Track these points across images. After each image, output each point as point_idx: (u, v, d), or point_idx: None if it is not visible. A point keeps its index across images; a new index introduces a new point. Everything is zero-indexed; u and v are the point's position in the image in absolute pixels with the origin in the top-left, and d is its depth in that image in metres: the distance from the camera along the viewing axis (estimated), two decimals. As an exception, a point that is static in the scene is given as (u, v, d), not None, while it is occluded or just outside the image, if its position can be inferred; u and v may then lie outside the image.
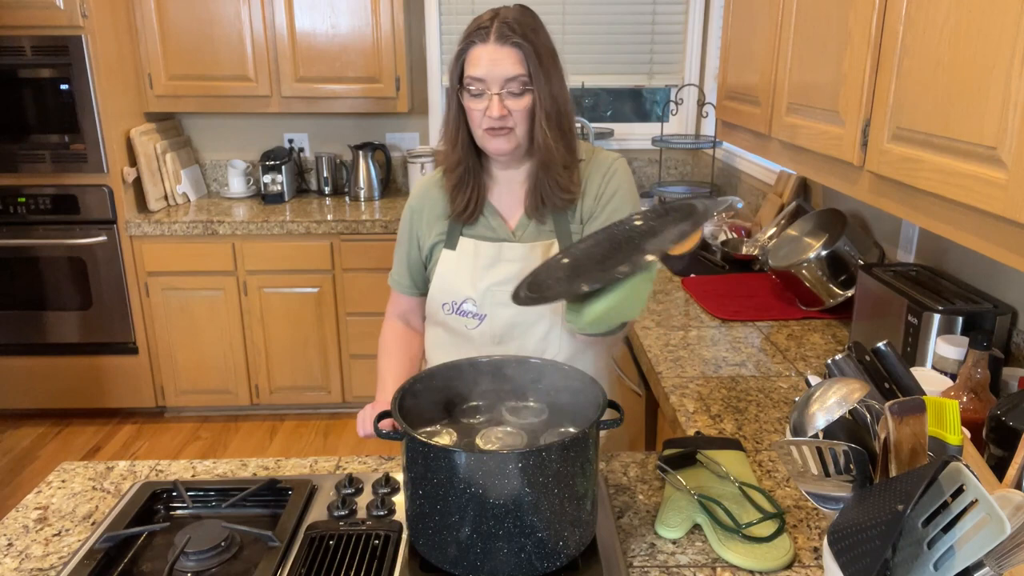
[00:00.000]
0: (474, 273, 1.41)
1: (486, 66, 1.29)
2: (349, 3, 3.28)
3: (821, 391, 0.91)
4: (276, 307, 3.32)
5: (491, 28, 1.29)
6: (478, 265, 1.41)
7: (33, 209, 3.20)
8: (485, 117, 1.31)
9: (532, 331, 1.41)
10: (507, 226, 1.43)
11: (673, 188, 3.39)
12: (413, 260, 1.51)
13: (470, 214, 1.42)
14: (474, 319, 1.42)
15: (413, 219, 1.50)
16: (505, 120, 1.31)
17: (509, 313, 1.40)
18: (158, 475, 1.24)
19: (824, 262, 1.97)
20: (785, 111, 1.74)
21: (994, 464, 0.99)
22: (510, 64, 1.29)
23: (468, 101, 1.32)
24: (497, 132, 1.32)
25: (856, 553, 0.78)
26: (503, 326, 1.41)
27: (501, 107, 1.29)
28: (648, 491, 1.19)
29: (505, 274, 1.39)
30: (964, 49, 1.05)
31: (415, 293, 1.54)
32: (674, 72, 3.69)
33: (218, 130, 3.75)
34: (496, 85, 1.29)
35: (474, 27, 1.32)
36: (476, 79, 1.30)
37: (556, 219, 1.41)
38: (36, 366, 3.37)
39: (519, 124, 1.32)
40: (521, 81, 1.29)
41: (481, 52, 1.29)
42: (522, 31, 1.30)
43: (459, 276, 1.42)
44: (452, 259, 1.44)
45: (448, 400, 1.12)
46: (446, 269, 1.44)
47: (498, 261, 1.40)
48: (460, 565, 0.95)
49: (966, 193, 1.04)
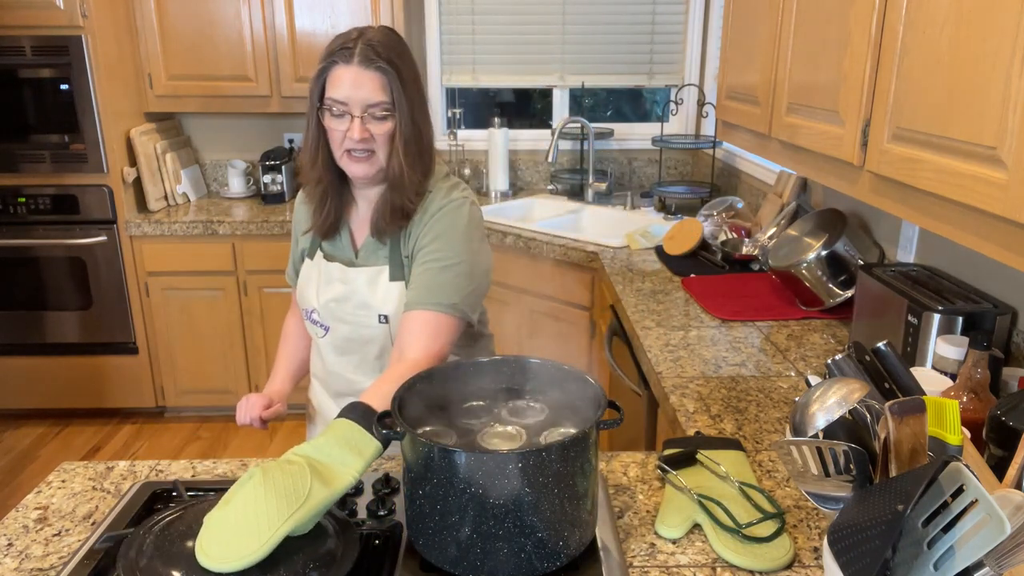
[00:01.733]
0: (318, 287, 1.45)
1: (348, 89, 1.27)
2: (349, 3, 3.28)
3: (821, 391, 0.91)
4: (276, 307, 3.31)
5: (355, 50, 1.27)
6: (321, 280, 1.45)
7: (33, 209, 3.20)
8: (346, 138, 1.30)
9: (366, 349, 1.45)
10: (353, 246, 1.45)
11: (673, 188, 3.39)
12: (296, 259, 1.58)
13: (327, 231, 1.43)
14: (321, 328, 1.47)
15: (297, 220, 1.55)
16: (367, 143, 1.30)
17: (345, 330, 1.44)
18: (158, 475, 1.24)
19: (824, 262, 1.97)
20: (785, 111, 1.74)
21: (994, 464, 0.99)
22: (372, 89, 1.27)
23: (328, 121, 1.31)
24: (358, 157, 1.31)
25: (856, 553, 0.78)
26: (342, 339, 1.45)
27: (363, 130, 1.28)
28: (648, 491, 1.19)
29: (336, 293, 1.43)
30: (964, 49, 1.05)
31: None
32: (674, 72, 3.69)
33: (218, 130, 3.75)
34: (358, 108, 1.27)
35: (338, 45, 1.29)
36: (337, 101, 1.28)
37: (392, 245, 1.41)
38: (36, 366, 3.37)
39: (380, 148, 1.31)
40: (384, 107, 1.28)
41: (344, 73, 1.27)
42: (387, 55, 1.28)
43: (309, 287, 1.47)
44: (307, 269, 1.49)
45: (448, 400, 1.12)
46: (302, 277, 1.50)
47: (332, 280, 1.44)
48: (460, 565, 0.95)
49: (966, 193, 1.04)
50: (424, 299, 1.32)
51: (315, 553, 0.93)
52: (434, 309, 1.31)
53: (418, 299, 1.32)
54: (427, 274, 1.34)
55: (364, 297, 1.41)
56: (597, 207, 3.35)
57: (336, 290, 1.43)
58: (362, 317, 1.42)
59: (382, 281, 1.40)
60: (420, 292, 1.33)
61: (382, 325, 1.41)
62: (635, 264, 2.53)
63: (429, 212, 1.38)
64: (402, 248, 1.40)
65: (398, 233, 1.40)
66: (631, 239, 2.76)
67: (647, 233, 2.77)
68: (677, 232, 2.70)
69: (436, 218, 1.37)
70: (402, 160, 1.32)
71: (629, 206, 3.31)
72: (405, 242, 1.40)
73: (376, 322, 1.41)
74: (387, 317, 1.40)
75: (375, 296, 1.40)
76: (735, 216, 2.87)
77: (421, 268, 1.35)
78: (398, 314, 1.39)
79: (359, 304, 1.41)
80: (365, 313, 1.41)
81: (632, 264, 2.53)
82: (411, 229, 1.39)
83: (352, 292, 1.41)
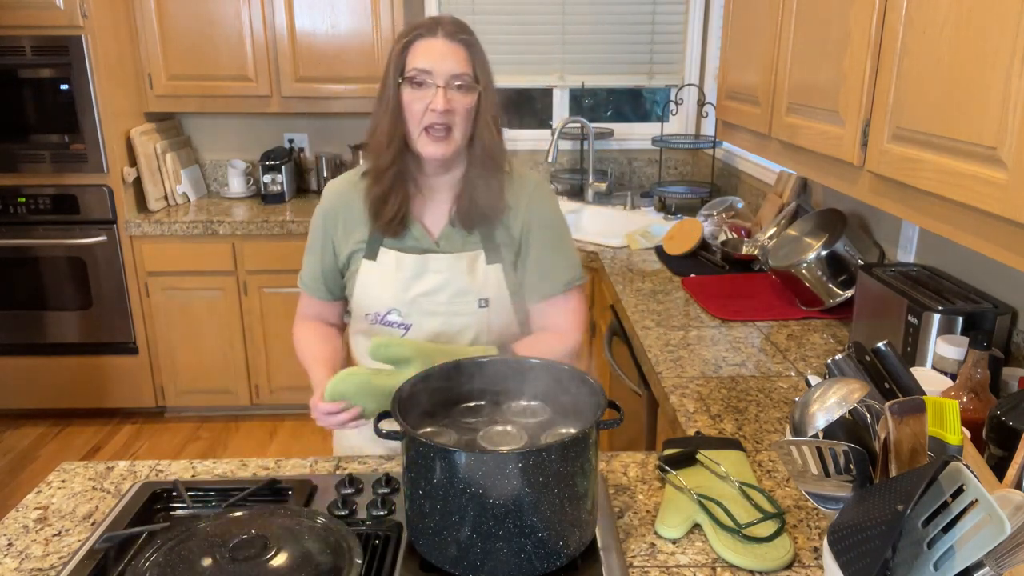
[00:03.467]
0: (398, 285, 1.38)
1: (433, 59, 1.26)
2: (349, 3, 3.28)
3: (821, 391, 0.91)
4: (276, 307, 3.31)
5: (438, 26, 1.28)
6: (402, 277, 1.38)
7: (33, 209, 3.20)
8: (427, 112, 1.27)
9: (457, 340, 1.40)
10: (430, 236, 1.40)
11: (673, 188, 3.39)
12: (328, 266, 1.46)
13: (397, 225, 1.37)
14: (399, 328, 1.40)
15: (327, 223, 1.44)
16: (447, 116, 1.27)
17: (436, 322, 1.38)
18: (158, 475, 1.24)
19: (824, 262, 1.97)
20: (785, 111, 1.74)
21: (994, 464, 0.99)
22: (457, 60, 1.27)
23: (409, 94, 1.29)
24: (436, 136, 1.29)
25: (856, 553, 0.78)
26: (428, 335, 1.39)
27: (445, 100, 1.26)
28: (648, 491, 1.19)
29: (431, 285, 1.37)
30: (964, 49, 1.05)
31: (329, 299, 1.50)
32: (674, 72, 3.69)
33: (218, 130, 3.75)
34: (442, 78, 1.26)
35: (417, 25, 1.30)
36: (421, 70, 1.27)
37: (482, 229, 1.39)
38: (36, 366, 3.37)
39: (458, 124, 1.30)
40: (466, 79, 1.28)
41: (429, 44, 1.27)
42: (468, 31, 1.31)
43: (382, 288, 1.39)
44: (374, 270, 1.40)
45: (448, 400, 1.12)
46: (368, 280, 1.40)
47: (424, 272, 1.38)
48: (460, 565, 0.95)
49: (966, 193, 1.04)
50: (562, 279, 1.42)
51: (320, 568, 0.93)
52: (574, 287, 1.43)
53: (555, 284, 1.41)
54: (554, 255, 1.41)
55: (463, 284, 1.37)
56: (597, 207, 3.36)
57: (429, 282, 1.37)
58: (459, 305, 1.38)
59: (480, 265, 1.38)
60: (557, 273, 1.41)
61: (481, 310, 1.38)
62: (635, 264, 2.53)
63: (527, 193, 1.40)
64: (501, 231, 1.39)
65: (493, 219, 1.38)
66: (631, 239, 2.76)
67: (647, 233, 2.77)
68: (677, 232, 2.70)
69: (539, 198, 1.41)
70: (493, 133, 1.32)
71: (629, 206, 3.31)
72: (507, 225, 1.39)
73: (475, 307, 1.38)
74: (487, 301, 1.38)
75: (475, 281, 1.37)
76: (735, 216, 2.87)
77: (544, 251, 1.40)
78: (499, 297, 1.38)
79: (457, 291, 1.37)
80: (463, 300, 1.37)
81: (632, 264, 2.53)
82: (515, 212, 1.40)
83: (448, 281, 1.37)
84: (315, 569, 0.91)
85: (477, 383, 1.13)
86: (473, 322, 1.39)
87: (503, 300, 1.40)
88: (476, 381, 1.13)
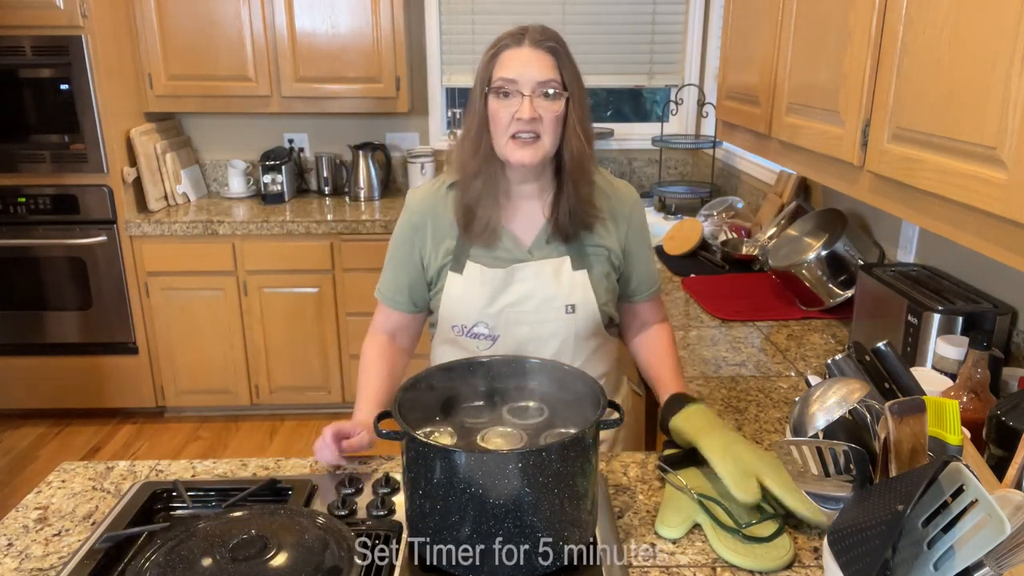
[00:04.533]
0: (485, 298, 1.36)
1: (519, 68, 1.26)
2: (349, 3, 3.28)
3: (821, 391, 0.91)
4: (276, 307, 3.32)
5: (525, 34, 1.29)
6: (489, 290, 1.36)
7: (33, 209, 3.20)
8: (514, 121, 1.27)
9: (544, 347, 1.38)
10: (522, 244, 1.39)
11: (673, 188, 3.39)
12: (415, 279, 1.43)
13: (488, 236, 1.35)
14: (486, 340, 1.38)
15: (416, 236, 1.41)
16: (534, 125, 1.27)
17: (523, 331, 1.37)
18: (158, 475, 1.24)
19: (824, 262, 1.97)
20: (785, 111, 1.74)
21: (994, 464, 0.99)
22: (543, 68, 1.27)
23: (495, 104, 1.28)
24: (525, 140, 1.28)
25: (856, 553, 0.78)
26: (516, 345, 1.38)
27: (532, 109, 1.26)
28: (648, 491, 1.19)
29: (518, 295, 1.36)
30: (964, 49, 1.05)
31: (412, 311, 1.46)
32: (674, 72, 3.69)
33: (218, 130, 3.75)
34: (528, 87, 1.26)
35: (505, 35, 1.30)
36: (507, 80, 1.26)
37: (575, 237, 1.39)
38: (36, 366, 3.37)
39: (546, 132, 1.28)
40: (554, 85, 1.27)
41: (515, 54, 1.28)
42: (556, 39, 1.30)
43: (470, 301, 1.37)
44: (459, 283, 1.37)
45: (448, 400, 1.12)
46: (455, 293, 1.38)
47: (511, 283, 1.36)
48: (460, 565, 0.95)
49: (966, 193, 1.04)
50: (654, 284, 1.51)
51: (320, 568, 0.93)
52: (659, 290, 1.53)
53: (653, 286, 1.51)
54: (648, 262, 1.49)
55: (550, 291, 1.36)
56: (597, 207, 3.35)
57: (517, 292, 1.36)
58: (546, 312, 1.36)
59: (566, 271, 1.37)
60: (651, 279, 1.50)
61: (568, 316, 1.37)
62: (635, 264, 2.53)
63: (628, 204, 1.44)
64: (591, 237, 1.39)
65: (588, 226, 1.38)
66: (631, 239, 2.76)
67: (647, 233, 2.77)
68: (677, 232, 2.70)
69: (639, 209, 1.46)
70: (582, 140, 1.31)
71: (629, 206, 3.31)
72: (600, 232, 1.40)
73: (562, 314, 1.36)
74: (574, 307, 1.37)
75: (561, 287, 1.36)
76: (735, 216, 2.88)
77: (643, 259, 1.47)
78: (585, 302, 1.37)
79: (543, 299, 1.36)
80: (549, 307, 1.36)
81: (632, 264, 2.53)
82: (616, 221, 1.42)
83: (534, 289, 1.36)
84: (315, 569, 0.91)
85: (478, 383, 1.13)
86: (560, 328, 1.38)
87: (589, 305, 1.38)
88: (477, 381, 1.13)
